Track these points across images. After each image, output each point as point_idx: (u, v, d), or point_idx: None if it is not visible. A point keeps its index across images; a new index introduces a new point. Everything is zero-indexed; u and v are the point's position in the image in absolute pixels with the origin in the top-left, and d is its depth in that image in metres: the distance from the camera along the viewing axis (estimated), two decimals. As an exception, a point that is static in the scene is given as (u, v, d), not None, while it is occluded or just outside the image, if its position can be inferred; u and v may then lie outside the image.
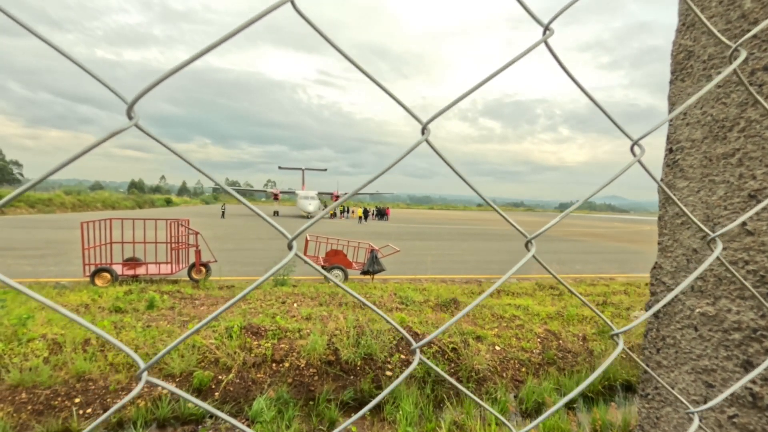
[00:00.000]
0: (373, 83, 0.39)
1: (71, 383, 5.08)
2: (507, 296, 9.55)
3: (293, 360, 5.92)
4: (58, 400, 4.88)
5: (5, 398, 4.83)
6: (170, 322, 6.66)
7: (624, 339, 6.37)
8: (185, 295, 8.26)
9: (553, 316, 8.11)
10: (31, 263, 11.56)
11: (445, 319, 7.50)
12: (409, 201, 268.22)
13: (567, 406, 5.77)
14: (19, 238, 17.10)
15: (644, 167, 0.46)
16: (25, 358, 5.33)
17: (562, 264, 14.95)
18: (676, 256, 0.71)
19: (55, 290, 8.28)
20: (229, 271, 10.95)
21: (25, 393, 4.90)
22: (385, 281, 10.77)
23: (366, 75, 0.37)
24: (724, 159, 0.63)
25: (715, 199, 0.64)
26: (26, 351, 5.44)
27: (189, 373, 5.44)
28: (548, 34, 0.39)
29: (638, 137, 0.46)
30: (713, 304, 0.65)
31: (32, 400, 4.85)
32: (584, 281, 11.99)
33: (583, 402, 5.86)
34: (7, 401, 4.80)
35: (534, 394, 5.63)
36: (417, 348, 0.44)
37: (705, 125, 0.66)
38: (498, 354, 6.59)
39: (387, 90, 0.39)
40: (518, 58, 0.37)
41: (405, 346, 6.40)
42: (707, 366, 0.64)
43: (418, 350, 0.45)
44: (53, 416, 4.69)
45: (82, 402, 4.90)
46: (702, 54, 0.67)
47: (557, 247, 21.47)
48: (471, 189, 0.45)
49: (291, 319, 7.07)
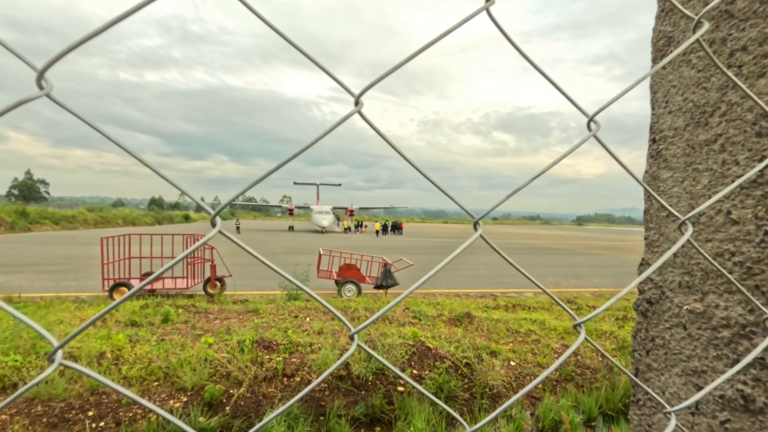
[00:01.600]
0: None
1: (85, 396, 5.13)
2: (522, 310, 9.34)
3: (304, 374, 5.87)
4: (72, 413, 4.93)
5: (21, 410, 4.90)
6: (183, 335, 6.70)
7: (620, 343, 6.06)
8: (200, 310, 8.33)
9: (570, 330, 7.88)
10: (53, 278, 11.87)
11: (458, 333, 7.36)
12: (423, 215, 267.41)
13: (586, 424, 5.55)
14: (43, 254, 17.60)
15: (600, 142, 0.44)
16: (41, 370, 5.42)
17: (580, 278, 14.59)
18: (662, 251, 0.67)
19: (74, 304, 8.45)
20: (243, 286, 11.02)
21: (41, 406, 4.97)
22: (398, 295, 10.67)
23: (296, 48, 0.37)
24: (707, 146, 0.60)
25: (700, 188, 0.60)
26: (43, 364, 5.54)
27: (200, 387, 5.44)
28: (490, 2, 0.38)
29: (593, 113, 0.44)
30: (701, 300, 0.60)
31: (47, 413, 4.91)
32: (603, 295, 11.66)
33: (603, 420, 5.63)
34: (23, 413, 4.87)
35: (551, 411, 5.44)
36: (355, 334, 0.42)
37: (687, 112, 0.63)
38: (513, 369, 6.41)
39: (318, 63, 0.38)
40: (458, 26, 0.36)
41: (417, 360, 6.29)
42: (697, 367, 0.60)
43: (355, 336, 0.43)
44: (67, 429, 4.73)
45: (95, 415, 4.94)
46: (681, 39, 0.64)
47: (574, 261, 21.02)
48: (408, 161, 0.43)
49: (303, 333, 7.04)
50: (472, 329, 7.80)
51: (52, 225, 38.08)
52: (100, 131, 0.28)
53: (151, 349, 6.04)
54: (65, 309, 8.01)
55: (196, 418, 5.12)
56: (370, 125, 0.38)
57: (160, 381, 5.55)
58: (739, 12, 0.55)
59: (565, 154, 0.41)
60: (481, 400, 5.77)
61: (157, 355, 5.93)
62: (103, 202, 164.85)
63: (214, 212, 0.32)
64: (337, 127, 0.38)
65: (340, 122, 0.36)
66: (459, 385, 5.93)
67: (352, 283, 10.43)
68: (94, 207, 58.64)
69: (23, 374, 5.31)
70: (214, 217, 0.32)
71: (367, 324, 0.40)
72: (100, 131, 0.28)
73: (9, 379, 5.22)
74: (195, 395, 5.39)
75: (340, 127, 0.38)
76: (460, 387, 5.94)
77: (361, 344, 0.41)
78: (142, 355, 5.91)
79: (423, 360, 6.30)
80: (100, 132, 0.29)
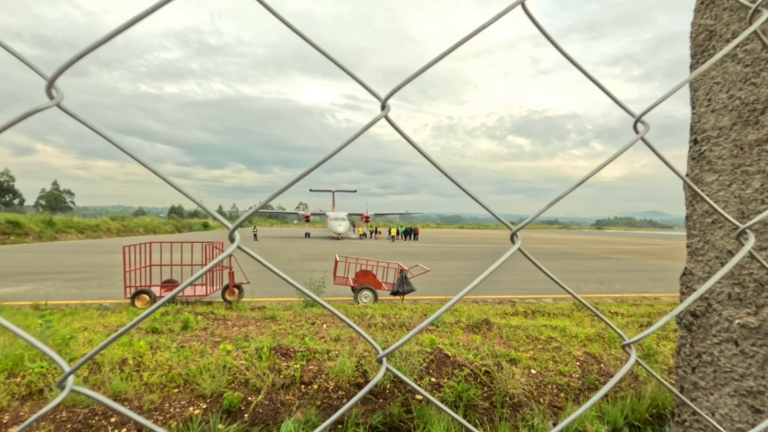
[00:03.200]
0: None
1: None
2: (542, 317, 9.15)
3: (322, 382, 5.85)
4: (95, 419, 5.01)
5: (47, 416, 5.00)
6: (203, 342, 6.77)
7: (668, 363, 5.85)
8: (218, 316, 8.41)
9: (592, 338, 7.67)
10: (78, 286, 12.18)
11: (476, 340, 7.25)
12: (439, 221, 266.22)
13: (612, 436, 5.36)
14: (68, 263, 18.11)
15: (648, 145, 0.41)
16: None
17: (601, 283, 14.25)
18: (708, 259, 0.62)
19: (98, 312, 8.63)
20: (261, 293, 11.10)
21: (66, 412, 5.06)
22: (415, 302, 10.59)
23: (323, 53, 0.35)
24: (758, 146, 0.55)
25: (750, 192, 0.55)
26: (68, 370, 5.66)
27: (219, 394, 5.47)
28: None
29: (641, 113, 0.40)
30: (755, 314, 0.55)
31: (71, 419, 5.00)
32: (626, 301, 11.35)
33: (629, 431, 5.44)
34: (48, 419, 4.97)
35: (574, 421, 5.28)
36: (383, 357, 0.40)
37: (733, 110, 0.58)
38: (534, 378, 6.26)
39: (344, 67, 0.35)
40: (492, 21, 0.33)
41: (435, 368, 6.20)
42: (753, 387, 0.55)
43: (384, 359, 0.40)
44: (90, 435, 4.80)
45: (117, 422, 5.00)
46: (725, 32, 0.60)
47: (595, 266, 20.57)
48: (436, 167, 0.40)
49: (320, 340, 7.03)
50: (490, 336, 7.67)
51: (77, 234, 39.27)
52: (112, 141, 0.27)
53: (171, 356, 6.11)
54: (89, 316, 8.19)
55: (216, 425, 5.14)
56: (397, 130, 0.35)
57: (180, 388, 5.60)
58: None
59: (614, 156, 0.38)
60: (502, 409, 5.64)
61: (177, 361, 6.00)
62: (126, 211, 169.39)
63: (232, 227, 0.30)
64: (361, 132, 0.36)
65: (368, 126, 0.34)
66: (478, 394, 5.81)
67: (369, 289, 10.41)
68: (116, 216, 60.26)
69: (48, 380, 5.42)
70: (233, 231, 0.30)
71: (397, 346, 0.37)
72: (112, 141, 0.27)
73: (35, 385, 5.34)
74: (214, 402, 5.41)
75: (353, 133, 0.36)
76: (480, 395, 5.83)
77: (389, 367, 0.39)
78: (162, 361, 5.98)
79: (441, 368, 6.21)
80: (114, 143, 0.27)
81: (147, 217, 71.49)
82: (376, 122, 0.33)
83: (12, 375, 5.54)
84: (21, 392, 5.29)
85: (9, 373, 5.55)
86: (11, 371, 5.58)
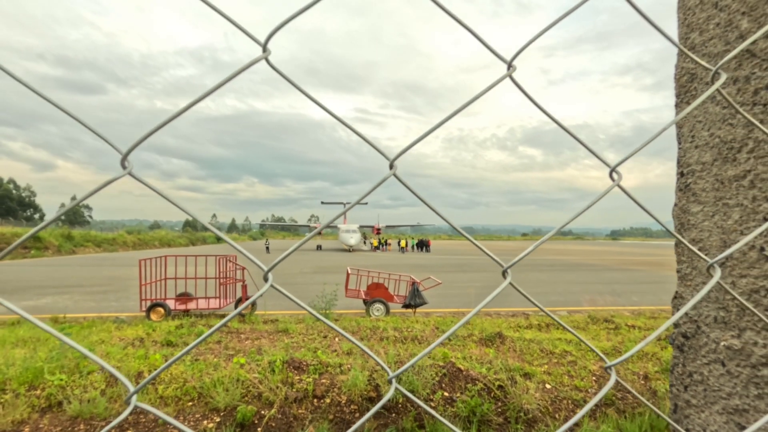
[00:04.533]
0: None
1: (132, 411, 5.29)
2: (556, 330, 9.03)
3: (334, 396, 5.86)
4: (115, 431, 5.08)
5: (66, 428, 5.10)
6: (216, 355, 6.84)
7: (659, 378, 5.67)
8: (231, 330, 8.50)
9: (609, 351, 7.54)
10: (95, 299, 12.42)
11: (489, 354, 7.18)
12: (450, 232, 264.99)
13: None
14: (86, 276, 18.49)
15: (625, 191, 0.45)
16: (84, 389, 5.63)
17: (617, 295, 14.00)
18: (696, 284, 0.66)
19: (114, 324, 8.79)
20: (273, 306, 11.18)
21: (83, 424, 5.16)
22: (427, 315, 10.55)
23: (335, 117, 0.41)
24: (736, 181, 0.59)
25: (731, 223, 0.59)
26: (86, 383, 5.76)
27: (233, 408, 5.51)
28: (512, 69, 0.41)
29: (615, 164, 0.46)
30: (738, 337, 0.59)
31: (89, 431, 5.09)
32: (643, 313, 11.14)
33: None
34: (67, 431, 5.06)
35: (590, 438, 5.18)
36: (393, 378, 0.45)
37: (714, 147, 0.62)
38: (549, 393, 6.17)
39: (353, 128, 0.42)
40: (483, 93, 0.39)
41: (448, 383, 6.15)
42: (738, 406, 0.58)
43: (393, 380, 0.45)
44: (107, 448, 4.87)
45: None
46: (705, 76, 0.64)
47: (610, 277, 20.23)
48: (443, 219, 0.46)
49: (332, 354, 7.05)
50: (504, 350, 7.60)
51: (95, 247, 40.10)
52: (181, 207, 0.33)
53: (185, 369, 6.19)
54: (106, 329, 8.35)
55: (231, 437, 5.18)
56: (406, 186, 0.41)
57: (194, 401, 5.66)
58: (761, 52, 0.55)
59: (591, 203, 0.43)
60: (516, 424, 5.56)
61: (192, 374, 6.07)
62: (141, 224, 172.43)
63: (267, 269, 0.36)
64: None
65: (377, 186, 0.40)
66: (492, 409, 5.75)
67: (381, 302, 10.41)
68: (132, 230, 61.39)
69: (67, 393, 5.54)
70: (267, 273, 0.36)
71: (406, 368, 0.42)
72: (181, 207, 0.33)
73: (55, 397, 5.46)
74: (228, 415, 5.46)
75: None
76: (494, 411, 5.76)
77: (399, 387, 0.44)
78: (177, 374, 6.06)
79: (454, 382, 6.16)
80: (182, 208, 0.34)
81: (162, 231, 72.68)
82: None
83: (32, 387, 5.67)
84: (41, 404, 5.41)
85: (30, 385, 5.68)
86: (32, 383, 5.71)
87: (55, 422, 5.18)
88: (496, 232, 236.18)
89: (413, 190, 0.42)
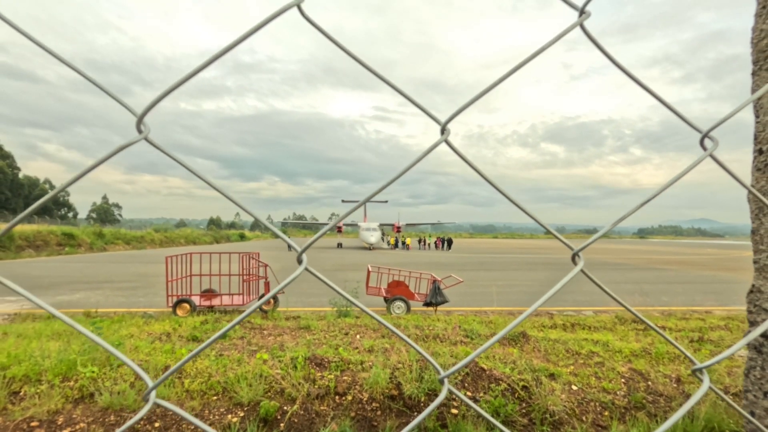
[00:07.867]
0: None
1: (152, 408, 5.42)
2: (582, 330, 8.79)
3: (356, 393, 5.85)
4: (141, 424, 5.20)
5: (97, 419, 5.26)
6: (240, 351, 6.94)
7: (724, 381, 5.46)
8: (255, 326, 8.61)
9: (638, 353, 7.28)
10: (125, 294, 12.82)
11: (513, 353, 7.04)
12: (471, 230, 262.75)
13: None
14: (116, 272, 19.13)
15: (718, 162, 0.39)
16: (114, 382, 5.80)
17: (646, 295, 13.54)
18: (774, 277, 0.58)
19: (143, 320, 9.04)
20: (295, 302, 11.29)
21: (114, 415, 5.31)
22: (448, 313, 10.44)
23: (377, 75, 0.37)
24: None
25: (820, 206, 0.52)
26: (116, 375, 5.93)
27: (256, 403, 5.57)
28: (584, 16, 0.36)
29: (708, 128, 0.39)
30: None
31: (119, 423, 5.23)
32: (674, 314, 10.73)
33: (682, 455, 5.08)
34: (98, 422, 5.22)
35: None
36: (444, 378, 0.40)
37: (798, 120, 0.55)
38: (575, 395, 5.99)
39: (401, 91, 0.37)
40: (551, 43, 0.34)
41: (471, 382, 6.06)
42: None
43: (445, 380, 0.40)
44: (136, 439, 5.00)
45: (161, 427, 5.19)
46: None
47: (639, 277, 19.60)
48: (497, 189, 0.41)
49: (353, 351, 7.05)
50: (528, 349, 7.44)
51: (124, 245, 41.54)
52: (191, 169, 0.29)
53: (210, 364, 6.29)
54: (135, 324, 8.59)
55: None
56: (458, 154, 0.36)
57: (219, 395, 5.75)
58: None
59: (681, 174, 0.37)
60: (542, 426, 5.43)
61: (216, 369, 6.17)
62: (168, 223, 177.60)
63: (301, 250, 0.32)
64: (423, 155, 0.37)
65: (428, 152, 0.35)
66: (516, 410, 5.62)
67: (402, 300, 10.36)
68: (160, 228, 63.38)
69: (98, 385, 5.71)
70: (301, 254, 0.32)
71: (459, 367, 0.38)
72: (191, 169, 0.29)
73: (87, 389, 5.63)
74: (251, 410, 5.52)
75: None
76: (518, 411, 5.64)
77: (452, 389, 0.39)
78: (202, 369, 6.17)
79: (477, 381, 6.06)
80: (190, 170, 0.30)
81: (188, 229, 74.65)
82: (436, 147, 0.34)
83: (66, 379, 5.87)
84: (74, 395, 5.59)
85: (63, 377, 5.88)
86: (65, 375, 5.91)
87: (87, 413, 5.35)
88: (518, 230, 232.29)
89: (464, 157, 0.37)
